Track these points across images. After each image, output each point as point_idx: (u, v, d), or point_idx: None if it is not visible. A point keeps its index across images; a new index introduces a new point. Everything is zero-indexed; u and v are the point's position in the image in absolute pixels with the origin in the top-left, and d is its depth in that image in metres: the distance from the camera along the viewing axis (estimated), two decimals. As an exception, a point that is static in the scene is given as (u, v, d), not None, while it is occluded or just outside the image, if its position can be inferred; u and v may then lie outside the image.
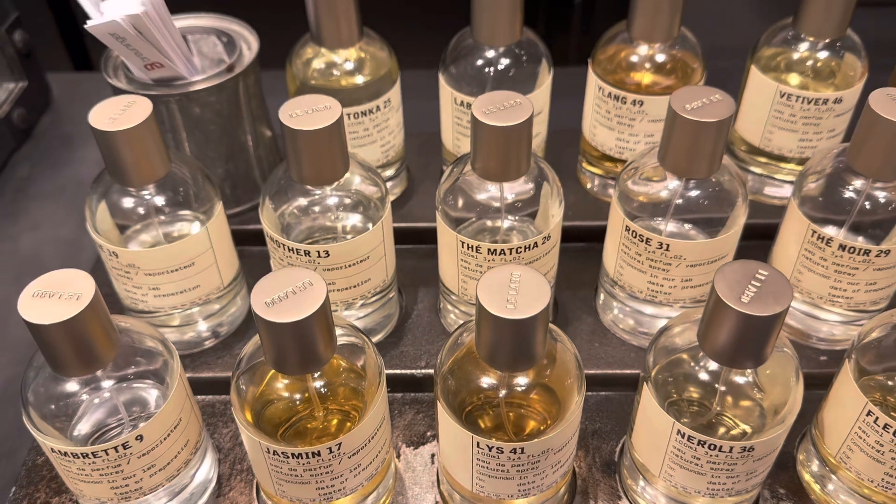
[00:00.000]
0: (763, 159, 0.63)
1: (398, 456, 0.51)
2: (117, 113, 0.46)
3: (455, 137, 0.61)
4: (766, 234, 0.59)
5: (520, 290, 0.38)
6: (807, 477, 0.50)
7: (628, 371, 0.54)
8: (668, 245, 0.49)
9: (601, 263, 0.56)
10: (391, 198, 0.65)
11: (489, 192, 0.49)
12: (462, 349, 0.43)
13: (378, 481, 0.47)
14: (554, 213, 0.50)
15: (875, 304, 0.52)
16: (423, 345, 0.56)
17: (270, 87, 0.64)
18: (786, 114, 0.58)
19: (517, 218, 0.51)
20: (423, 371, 0.55)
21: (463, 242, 0.50)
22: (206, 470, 0.49)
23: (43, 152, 0.79)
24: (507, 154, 0.47)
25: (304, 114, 0.46)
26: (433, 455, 0.51)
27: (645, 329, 0.55)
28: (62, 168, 0.77)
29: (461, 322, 0.56)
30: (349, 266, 0.50)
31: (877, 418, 0.42)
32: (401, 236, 0.63)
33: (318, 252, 0.49)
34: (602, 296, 0.58)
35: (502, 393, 0.41)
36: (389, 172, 0.64)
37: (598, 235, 0.61)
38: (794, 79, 0.58)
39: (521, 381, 0.41)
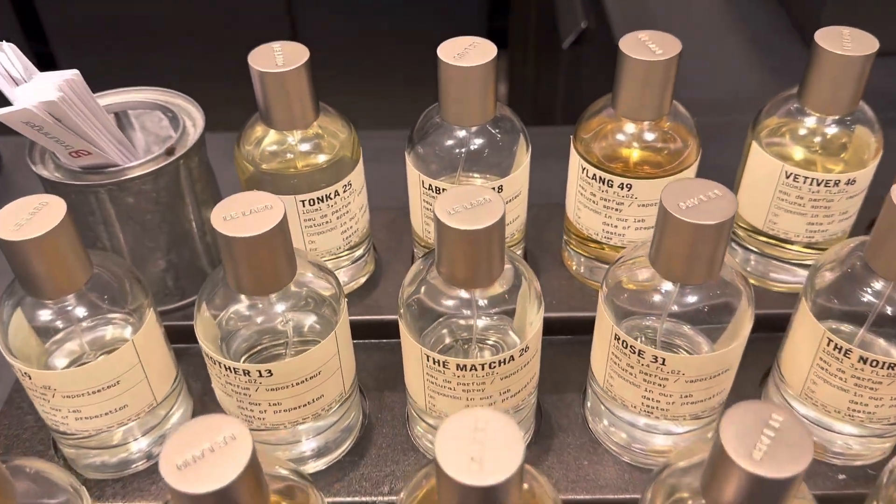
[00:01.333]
0: (766, 239, 0.57)
1: None
2: (25, 217, 0.40)
3: (424, 222, 0.55)
4: (773, 326, 0.53)
5: (486, 441, 0.31)
6: None
7: (623, 496, 0.48)
8: (663, 359, 0.43)
9: (589, 363, 0.50)
10: (355, 285, 0.59)
11: (459, 297, 0.43)
12: (423, 493, 0.36)
13: None
14: (532, 321, 0.44)
15: (900, 419, 0.46)
16: (387, 465, 0.49)
17: (229, 156, 0.57)
18: (792, 195, 0.52)
19: (493, 317, 0.45)
20: (387, 498, 0.48)
21: (429, 357, 0.43)
22: None
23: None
24: (476, 259, 0.40)
25: (240, 216, 0.40)
26: None
27: (640, 445, 0.48)
28: None
29: (429, 436, 0.50)
30: (298, 384, 0.44)
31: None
32: (364, 330, 0.57)
33: (259, 371, 0.43)
34: (590, 400, 0.51)
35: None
36: (353, 256, 0.57)
37: (586, 327, 0.55)
38: (798, 152, 0.53)
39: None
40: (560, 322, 0.56)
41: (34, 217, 0.40)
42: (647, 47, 0.48)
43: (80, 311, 0.44)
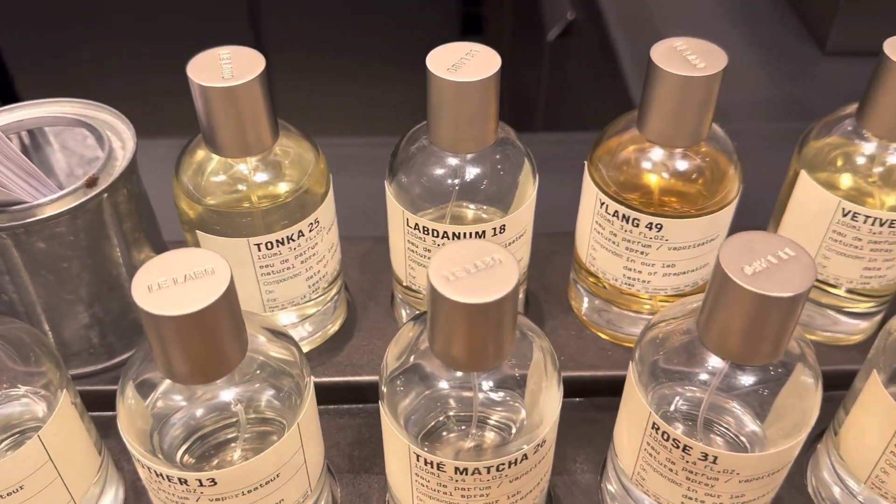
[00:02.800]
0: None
1: None
2: None
3: (409, 266, 0.45)
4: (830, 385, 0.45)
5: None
6: None
7: None
8: (715, 458, 0.34)
9: (610, 439, 0.41)
10: (324, 336, 0.49)
11: (456, 378, 0.34)
12: None
13: None
14: (549, 406, 0.35)
15: None
16: (365, 573, 0.40)
17: (165, 192, 0.47)
18: (848, 237, 0.44)
19: (499, 394, 0.36)
20: None
21: (419, 456, 0.34)
22: None
23: None
24: (481, 339, 0.31)
25: (171, 284, 0.30)
26: None
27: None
28: None
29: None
30: (251, 492, 0.34)
31: None
32: (336, 393, 0.47)
33: (200, 480, 0.33)
34: (613, 484, 0.42)
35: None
36: (320, 307, 0.48)
37: (600, 388, 0.46)
38: (847, 179, 0.44)
39: None
40: (569, 382, 0.47)
41: None
42: (684, 58, 0.39)
43: (-35, 399, 0.34)
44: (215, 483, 0.33)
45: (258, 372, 0.35)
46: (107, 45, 1.42)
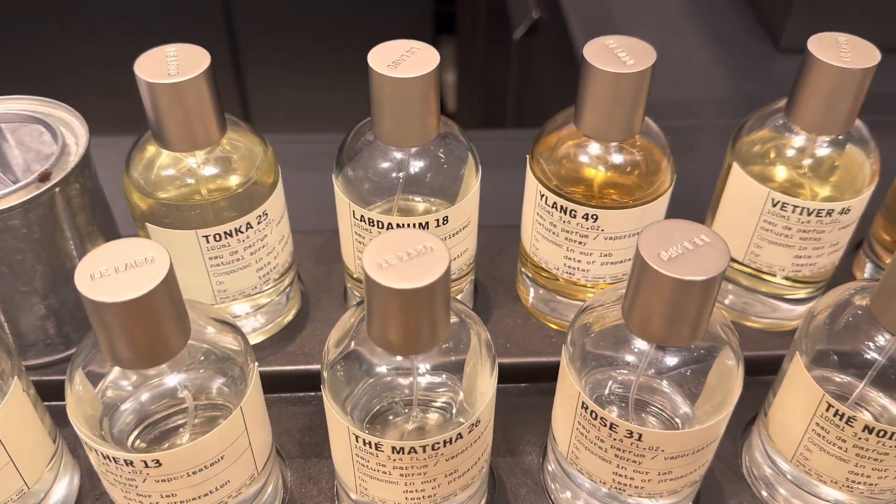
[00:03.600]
0: (741, 267, 0.50)
1: None
2: None
3: (357, 258, 0.47)
4: (756, 370, 0.47)
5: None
6: None
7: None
8: (640, 435, 0.36)
9: (549, 420, 0.43)
10: (277, 326, 0.51)
11: (394, 363, 0.35)
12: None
13: None
14: (483, 390, 0.37)
15: (904, 489, 0.40)
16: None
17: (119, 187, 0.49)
18: (779, 226, 0.46)
19: (432, 415, 0.38)
20: None
21: (357, 437, 0.36)
22: None
23: None
24: (415, 323, 0.33)
25: (112, 272, 0.31)
26: None
27: (608, 521, 0.42)
28: None
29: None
30: (195, 472, 0.36)
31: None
32: (288, 382, 0.49)
33: (145, 462, 0.34)
34: (552, 464, 0.44)
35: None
36: (273, 298, 0.49)
37: (544, 374, 0.48)
38: (781, 172, 0.46)
39: None
40: (514, 368, 0.49)
41: None
42: (615, 56, 0.41)
43: (-84, 387, 0.35)
44: (160, 464, 0.34)
45: (202, 359, 0.36)
46: (69, 42, 1.42)
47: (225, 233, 0.43)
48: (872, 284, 0.38)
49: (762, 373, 0.48)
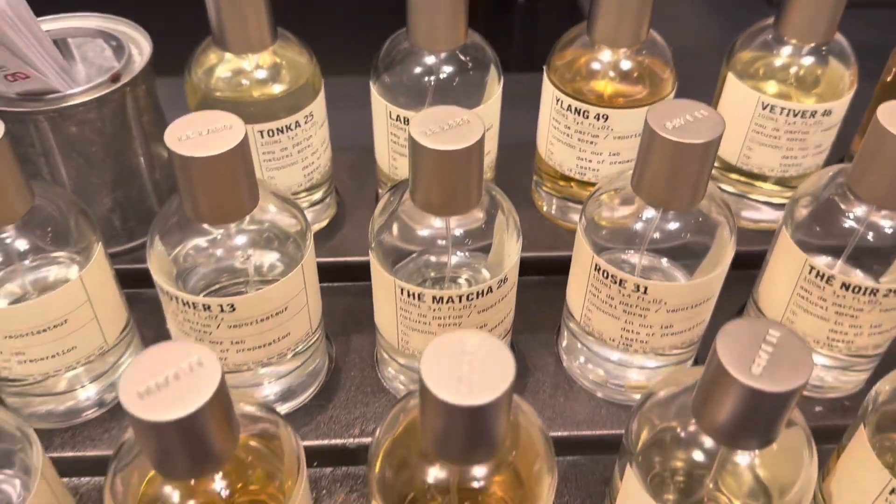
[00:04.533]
0: (737, 177, 0.56)
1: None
2: (-45, 137, 0.36)
3: (391, 157, 0.52)
4: (745, 264, 0.52)
5: (476, 366, 0.29)
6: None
7: (599, 432, 0.46)
8: (645, 288, 0.41)
9: (564, 302, 0.48)
10: (317, 227, 0.56)
11: (433, 227, 0.41)
12: (402, 428, 0.34)
13: None
14: (510, 252, 0.42)
15: (877, 347, 0.45)
16: (357, 407, 0.47)
17: (173, 99, 0.54)
18: (768, 128, 0.51)
19: (467, 253, 0.43)
20: (357, 441, 0.46)
21: (403, 289, 0.41)
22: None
23: None
24: (454, 183, 0.38)
25: (197, 136, 0.36)
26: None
27: (617, 381, 0.47)
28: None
29: (401, 377, 0.48)
30: (262, 321, 0.41)
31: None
32: (330, 272, 0.54)
33: (222, 306, 0.40)
34: (566, 339, 0.50)
35: (454, 487, 0.32)
36: (315, 197, 0.55)
37: (558, 268, 0.53)
38: (772, 86, 0.51)
39: (478, 472, 0.32)
40: (532, 262, 0.54)
41: (-34, 137, 0.36)
42: (624, -31, 0.46)
43: (21, 245, 0.40)
44: (234, 309, 0.40)
45: (266, 234, 0.41)
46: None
47: (277, 129, 0.48)
48: (848, 166, 0.43)
49: (747, 267, 0.53)
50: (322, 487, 0.45)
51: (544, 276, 0.55)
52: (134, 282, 0.51)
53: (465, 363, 0.29)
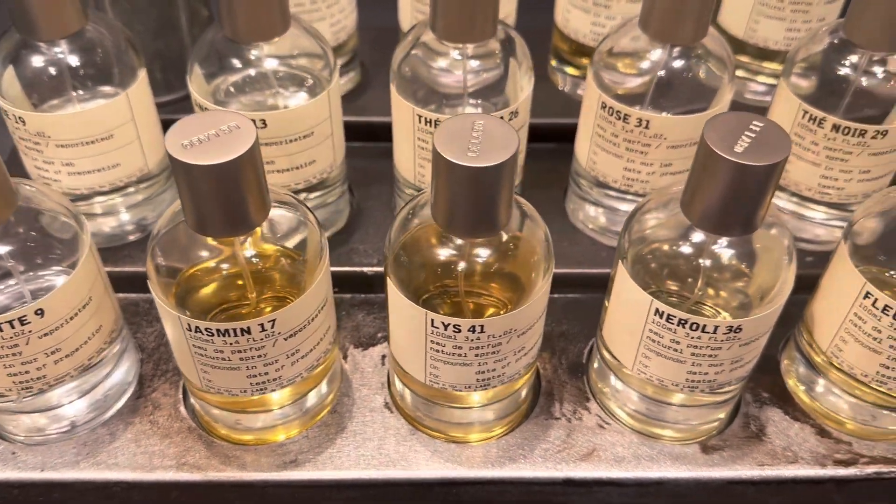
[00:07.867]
0: (745, 59, 0.58)
1: (345, 357, 0.46)
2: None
3: (414, 18, 0.55)
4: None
5: (483, 139, 0.32)
6: (791, 382, 0.46)
7: (599, 270, 0.50)
8: (647, 122, 0.44)
9: (572, 162, 0.52)
10: (342, 90, 0.59)
11: (451, 58, 0.44)
12: (414, 225, 0.37)
13: (320, 377, 0.41)
14: (523, 87, 0.45)
15: (866, 196, 0.48)
16: (375, 241, 0.51)
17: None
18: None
19: (481, 102, 0.46)
20: (375, 269, 0.49)
21: (420, 116, 0.44)
22: (123, 371, 0.43)
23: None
24: (471, 8, 0.41)
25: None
26: (383, 357, 0.46)
27: (618, 227, 0.50)
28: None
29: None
30: (291, 141, 0.45)
31: (875, 300, 0.38)
32: (352, 131, 0.57)
33: (255, 121, 0.43)
34: (572, 195, 0.53)
35: (461, 266, 0.36)
36: (340, 62, 0.58)
37: (570, 134, 0.56)
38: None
39: (483, 252, 0.36)
40: (544, 127, 0.57)
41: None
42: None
43: (73, 60, 0.43)
44: (266, 125, 0.43)
45: (296, 62, 0.44)
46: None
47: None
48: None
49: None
50: (342, 311, 0.48)
51: (556, 143, 0.57)
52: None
53: (474, 138, 0.32)
